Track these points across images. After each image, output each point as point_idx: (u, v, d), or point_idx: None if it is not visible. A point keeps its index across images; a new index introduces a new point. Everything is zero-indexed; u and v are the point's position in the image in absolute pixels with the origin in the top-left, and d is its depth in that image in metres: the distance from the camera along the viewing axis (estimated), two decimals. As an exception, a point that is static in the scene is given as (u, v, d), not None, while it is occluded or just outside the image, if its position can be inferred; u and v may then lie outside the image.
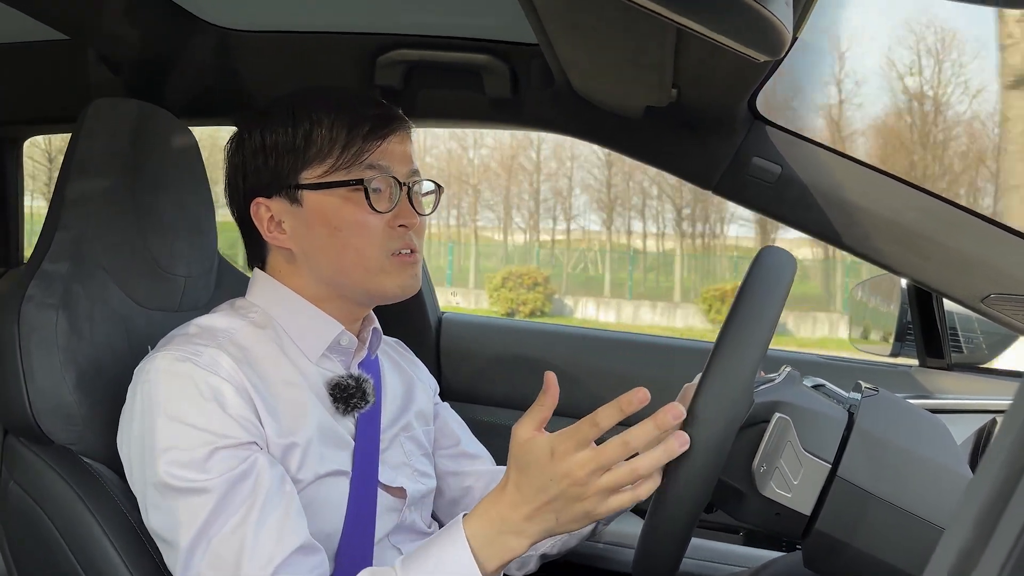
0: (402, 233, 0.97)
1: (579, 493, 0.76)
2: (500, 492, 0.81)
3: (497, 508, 0.81)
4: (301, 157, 0.96)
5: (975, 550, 0.31)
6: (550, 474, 0.77)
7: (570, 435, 0.77)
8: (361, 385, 0.98)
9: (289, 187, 0.96)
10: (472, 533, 0.81)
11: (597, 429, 0.77)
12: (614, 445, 0.76)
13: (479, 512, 0.82)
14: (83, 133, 1.06)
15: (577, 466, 0.76)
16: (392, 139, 0.98)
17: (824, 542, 0.83)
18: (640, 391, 0.76)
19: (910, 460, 0.84)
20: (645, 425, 0.76)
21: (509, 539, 0.80)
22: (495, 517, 0.80)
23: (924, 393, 1.46)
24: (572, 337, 1.75)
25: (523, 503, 0.79)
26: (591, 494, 0.76)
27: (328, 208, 0.95)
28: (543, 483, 0.77)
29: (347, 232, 0.95)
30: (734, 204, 1.33)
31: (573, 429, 0.77)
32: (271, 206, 0.97)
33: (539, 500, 0.78)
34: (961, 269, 1.19)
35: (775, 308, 0.82)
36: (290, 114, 0.97)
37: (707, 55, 0.97)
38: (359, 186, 0.94)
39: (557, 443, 0.77)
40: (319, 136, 0.95)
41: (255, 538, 0.82)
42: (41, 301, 0.97)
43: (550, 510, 0.78)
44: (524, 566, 1.16)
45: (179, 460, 0.84)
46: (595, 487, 0.76)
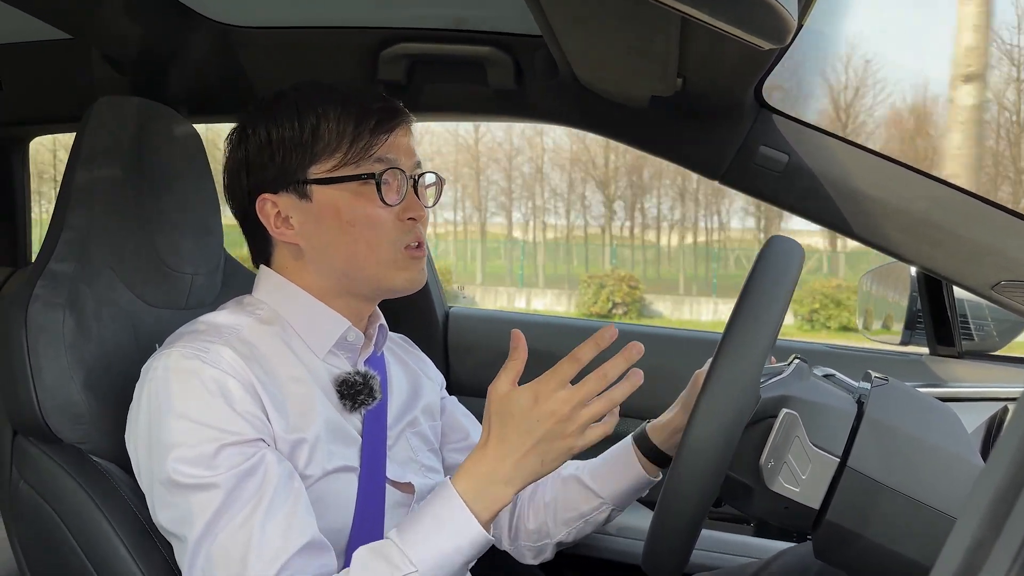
0: (411, 226, 0.98)
1: (563, 430, 0.82)
2: (483, 449, 0.85)
3: (484, 463, 0.84)
4: (309, 152, 0.95)
5: (986, 542, 0.30)
6: (536, 416, 0.82)
7: (551, 376, 0.83)
8: (368, 382, 0.98)
9: (297, 182, 0.96)
10: (463, 490, 0.84)
11: (577, 365, 0.83)
12: (593, 378, 0.82)
13: (465, 470, 0.85)
14: (88, 132, 1.06)
15: (561, 402, 0.82)
16: (398, 132, 0.98)
17: (835, 532, 0.82)
18: (610, 328, 0.84)
19: (921, 449, 0.83)
20: (615, 359, 0.83)
21: (499, 488, 0.84)
22: (483, 472, 0.84)
23: (935, 381, 1.45)
24: (580, 329, 1.74)
25: (510, 452, 0.83)
26: (573, 429, 0.82)
27: (339, 203, 0.95)
28: (528, 426, 0.82)
29: (359, 227, 0.95)
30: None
31: (553, 370, 0.83)
32: (278, 202, 0.97)
33: (525, 445, 0.83)
34: (971, 256, 1.19)
35: (781, 300, 0.82)
36: (295, 109, 0.96)
37: (712, 44, 0.96)
38: (370, 180, 0.95)
39: (539, 387, 0.82)
40: (326, 130, 0.95)
41: (261, 534, 0.82)
42: (48, 301, 0.97)
43: (535, 453, 0.83)
44: (540, 554, 1.17)
45: (186, 457, 0.84)
46: (578, 421, 0.82)
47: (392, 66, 1.32)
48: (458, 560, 0.83)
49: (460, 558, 0.83)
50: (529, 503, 1.17)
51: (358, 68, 1.33)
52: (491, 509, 0.84)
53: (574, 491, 1.13)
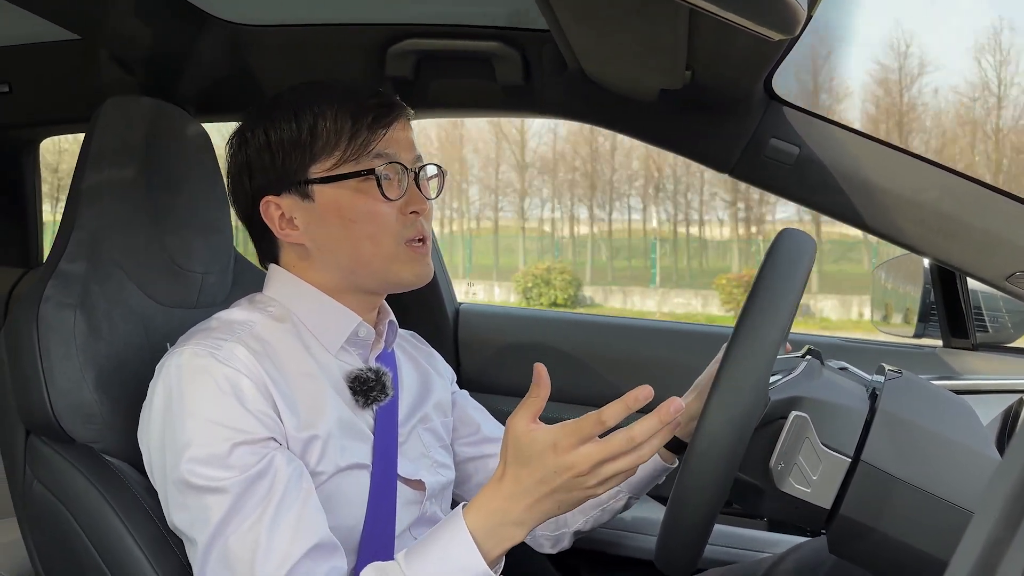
0: (414, 220, 0.98)
1: (581, 483, 0.79)
2: (497, 484, 0.83)
3: (497, 500, 0.82)
4: (308, 152, 0.96)
5: (1003, 540, 0.30)
6: (553, 467, 0.79)
7: (574, 431, 0.78)
8: (380, 378, 0.99)
9: (299, 183, 0.96)
10: (473, 526, 0.82)
11: (602, 427, 0.78)
12: (619, 440, 0.78)
13: (478, 505, 0.83)
14: (97, 132, 1.06)
15: (582, 459, 0.78)
16: (396, 126, 0.98)
17: (849, 527, 0.82)
18: (645, 388, 0.78)
19: (935, 442, 0.83)
20: (649, 419, 0.78)
21: (509, 529, 0.82)
22: (495, 509, 0.82)
23: (949, 374, 1.44)
24: (590, 325, 1.74)
25: (523, 495, 0.81)
26: (593, 483, 0.79)
27: (341, 201, 0.95)
28: (545, 475, 0.79)
29: (362, 223, 0.95)
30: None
31: (577, 425, 0.79)
32: (281, 203, 0.97)
33: (540, 491, 0.80)
34: (985, 247, 1.17)
35: (792, 296, 0.81)
36: (292, 110, 0.97)
37: (721, 35, 0.96)
38: (370, 176, 0.95)
39: (560, 437, 0.79)
40: (324, 129, 0.95)
41: (269, 538, 0.83)
42: (59, 301, 0.97)
43: (552, 500, 0.80)
44: (558, 543, 1.17)
45: (198, 457, 0.84)
46: (599, 477, 0.79)
47: (400, 62, 1.32)
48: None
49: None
50: None
51: (366, 65, 1.33)
52: (500, 547, 0.82)
53: None
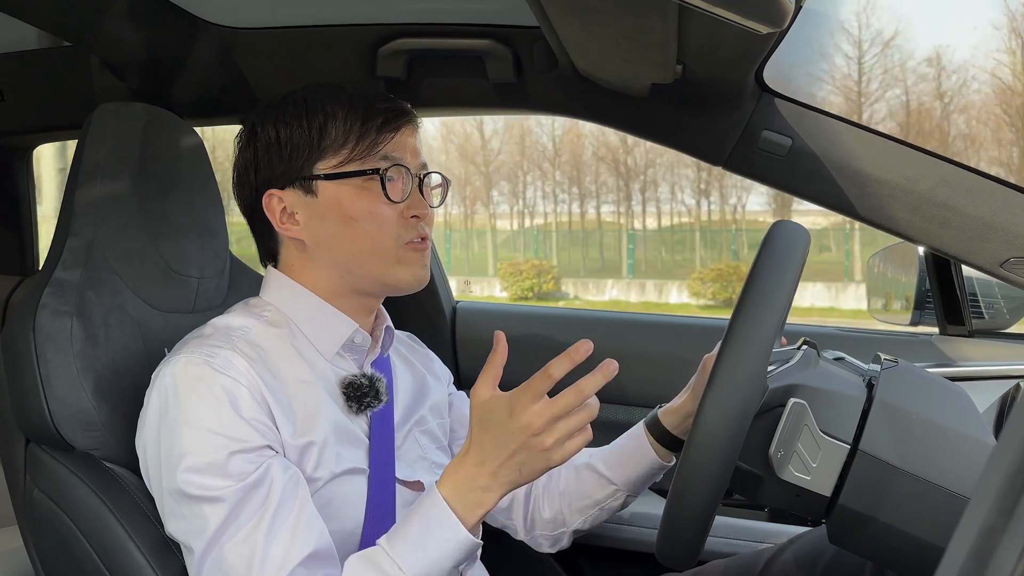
0: (415, 223, 0.98)
1: (539, 443, 0.80)
2: (465, 452, 0.85)
3: (464, 468, 0.84)
4: (316, 149, 0.97)
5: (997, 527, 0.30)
6: (510, 428, 0.81)
7: (525, 389, 0.81)
8: (374, 384, 0.99)
9: (304, 178, 0.97)
10: (446, 494, 0.84)
11: (550, 380, 0.81)
12: (569, 392, 0.80)
13: (448, 474, 0.85)
14: (89, 138, 1.06)
15: (535, 416, 0.80)
16: (404, 131, 1.00)
17: (848, 516, 0.82)
18: (585, 342, 0.81)
19: (932, 430, 0.83)
20: (594, 375, 0.81)
21: (479, 494, 0.84)
22: (464, 476, 0.84)
23: (946, 361, 1.44)
24: (587, 320, 1.74)
25: (488, 460, 0.83)
26: (550, 442, 0.80)
27: (343, 198, 0.96)
28: (503, 438, 0.81)
29: (362, 222, 0.96)
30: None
31: (527, 384, 0.81)
32: (284, 197, 0.98)
33: (501, 455, 0.82)
34: (979, 234, 1.18)
35: (787, 287, 0.81)
36: (303, 108, 0.98)
37: (711, 29, 0.96)
38: (375, 175, 0.96)
39: (514, 399, 0.81)
40: (333, 128, 0.97)
41: (265, 547, 0.83)
42: (55, 309, 0.97)
43: (513, 463, 0.82)
44: (557, 542, 1.17)
45: (194, 466, 0.84)
46: (553, 435, 0.80)
47: (391, 62, 1.32)
48: (446, 564, 0.83)
49: (448, 563, 0.83)
50: (544, 492, 1.17)
51: (357, 65, 1.33)
52: (475, 513, 0.84)
53: (588, 479, 1.13)
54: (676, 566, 0.86)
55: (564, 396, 0.80)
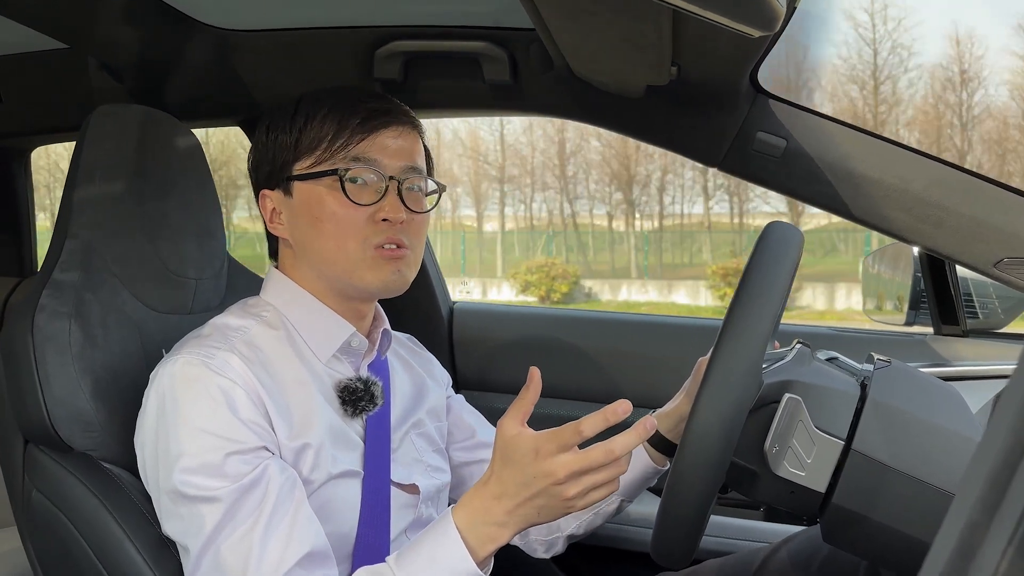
0: (385, 228, 0.96)
1: (559, 492, 0.79)
2: (484, 483, 0.84)
3: (481, 499, 0.83)
4: (293, 150, 0.99)
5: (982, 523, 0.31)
6: (533, 472, 0.79)
7: (553, 438, 0.79)
8: (369, 388, 0.99)
9: (284, 179, 1.00)
10: (460, 523, 0.83)
11: (580, 437, 0.79)
12: (598, 452, 0.79)
13: (465, 502, 0.84)
14: (87, 140, 1.06)
15: (560, 467, 0.79)
16: (385, 132, 0.98)
17: (842, 516, 0.83)
18: (623, 403, 0.79)
19: (925, 430, 0.83)
20: (628, 435, 0.79)
21: (493, 529, 0.82)
22: (479, 507, 0.83)
23: (940, 361, 1.45)
24: (584, 320, 1.75)
25: (505, 497, 0.81)
26: (572, 494, 0.79)
27: (312, 199, 0.97)
28: (526, 479, 0.80)
29: (327, 223, 0.96)
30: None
31: (556, 433, 0.80)
32: (272, 197, 1.02)
33: (521, 496, 0.81)
34: (973, 235, 1.18)
35: (781, 286, 0.82)
36: (292, 110, 1.00)
37: (705, 31, 0.96)
38: (336, 176, 0.96)
39: (541, 443, 0.79)
40: (311, 129, 0.98)
41: (262, 547, 0.83)
42: (54, 310, 0.98)
43: (532, 505, 0.81)
44: (552, 547, 1.17)
45: (191, 467, 0.85)
46: (577, 487, 0.79)
47: (388, 64, 1.32)
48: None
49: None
50: None
51: (354, 67, 1.33)
52: (486, 547, 0.83)
53: None
54: (671, 565, 0.86)
55: (593, 452, 0.79)
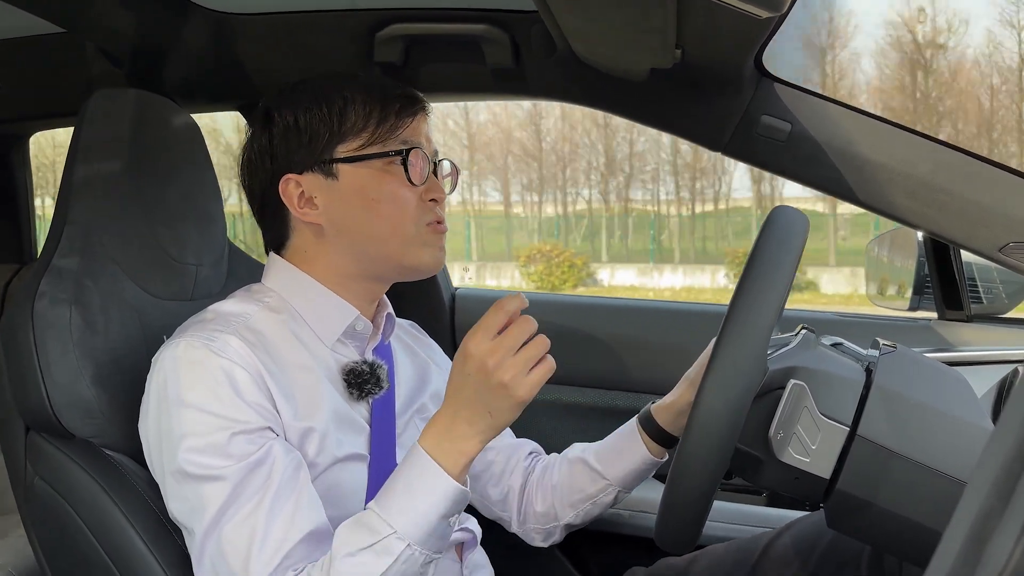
0: (432, 207, 1.00)
1: (495, 381, 0.80)
2: (443, 406, 0.86)
3: (440, 420, 0.85)
4: (336, 133, 0.97)
5: (995, 511, 0.30)
6: (467, 371, 0.82)
7: (475, 329, 0.82)
8: (375, 371, 0.99)
9: (324, 162, 0.97)
10: (427, 446, 0.85)
11: (503, 313, 0.82)
12: (518, 323, 0.82)
13: (427, 429, 0.86)
14: (86, 126, 1.05)
15: (487, 354, 0.81)
16: (419, 117, 1.01)
17: (846, 501, 0.82)
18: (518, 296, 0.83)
19: (930, 415, 0.83)
20: (511, 298, 0.83)
21: (459, 443, 0.84)
22: (440, 428, 0.85)
23: (945, 346, 1.45)
24: (587, 306, 1.74)
25: (459, 408, 0.84)
26: (508, 378, 0.80)
27: (365, 180, 0.97)
28: (463, 381, 0.83)
29: (384, 204, 0.97)
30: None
31: (478, 323, 0.82)
32: (302, 182, 0.98)
33: (468, 400, 0.83)
34: (977, 219, 1.18)
35: (786, 272, 0.81)
36: (321, 94, 0.98)
37: (710, 13, 0.95)
38: (396, 157, 0.97)
39: (467, 343, 0.82)
40: (353, 112, 0.98)
41: (266, 527, 0.83)
42: (54, 297, 0.97)
43: (481, 407, 0.82)
44: (549, 536, 1.17)
45: (196, 447, 0.85)
46: (508, 371, 0.80)
47: (388, 47, 1.31)
48: (434, 515, 0.83)
49: (437, 513, 0.83)
50: (537, 486, 1.17)
51: (354, 51, 1.32)
52: (459, 462, 0.84)
53: (581, 473, 1.14)
54: (675, 550, 0.86)
55: (513, 329, 0.81)
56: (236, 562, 0.83)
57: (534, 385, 0.81)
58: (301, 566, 0.84)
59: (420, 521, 0.82)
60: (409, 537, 0.82)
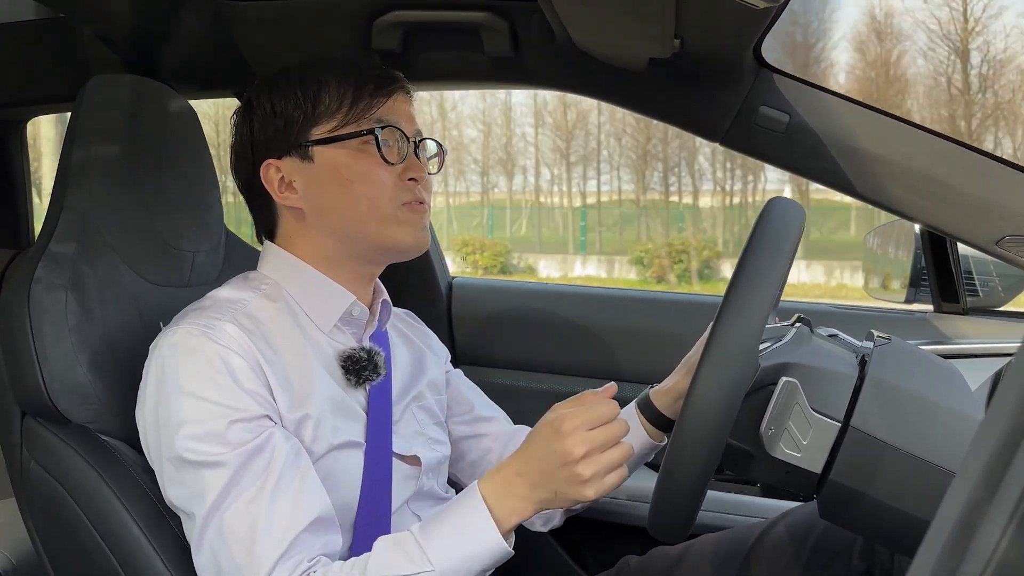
0: (412, 186, 0.99)
1: (575, 471, 0.81)
2: (512, 458, 0.86)
3: (507, 473, 0.85)
4: (310, 116, 0.98)
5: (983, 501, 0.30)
6: (553, 448, 0.82)
7: (576, 414, 0.82)
8: (372, 357, 0.99)
9: (300, 145, 0.98)
10: (486, 491, 0.85)
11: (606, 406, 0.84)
12: (614, 425, 0.83)
13: (490, 475, 0.86)
14: (83, 111, 1.05)
15: (579, 442, 0.81)
16: (397, 97, 1.00)
17: (839, 492, 0.83)
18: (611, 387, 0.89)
19: (924, 407, 0.83)
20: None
21: (516, 502, 0.84)
22: (505, 480, 0.85)
23: (940, 338, 1.45)
24: (583, 296, 1.74)
25: (528, 473, 0.84)
26: (588, 475, 0.81)
27: (340, 161, 0.97)
28: (544, 454, 0.83)
29: (359, 184, 0.97)
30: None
31: (580, 410, 0.83)
32: (281, 166, 0.99)
33: (541, 472, 0.83)
34: (975, 212, 1.18)
35: (781, 264, 0.81)
36: (297, 80, 0.99)
37: (709, 3, 0.95)
38: (369, 136, 0.96)
39: (564, 421, 0.82)
40: (327, 95, 0.98)
41: (270, 512, 0.83)
42: (50, 283, 0.97)
43: (550, 485, 0.83)
44: (549, 521, 1.18)
45: (194, 434, 0.85)
46: (591, 467, 0.81)
47: (386, 35, 1.31)
48: (474, 566, 0.83)
49: (476, 565, 0.83)
50: None
51: (352, 38, 1.32)
52: (510, 520, 0.84)
53: None
54: (668, 539, 0.87)
55: (608, 426, 0.83)
56: (238, 549, 0.83)
57: (606, 489, 0.83)
58: (315, 557, 0.84)
59: (460, 568, 0.82)
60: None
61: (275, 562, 0.82)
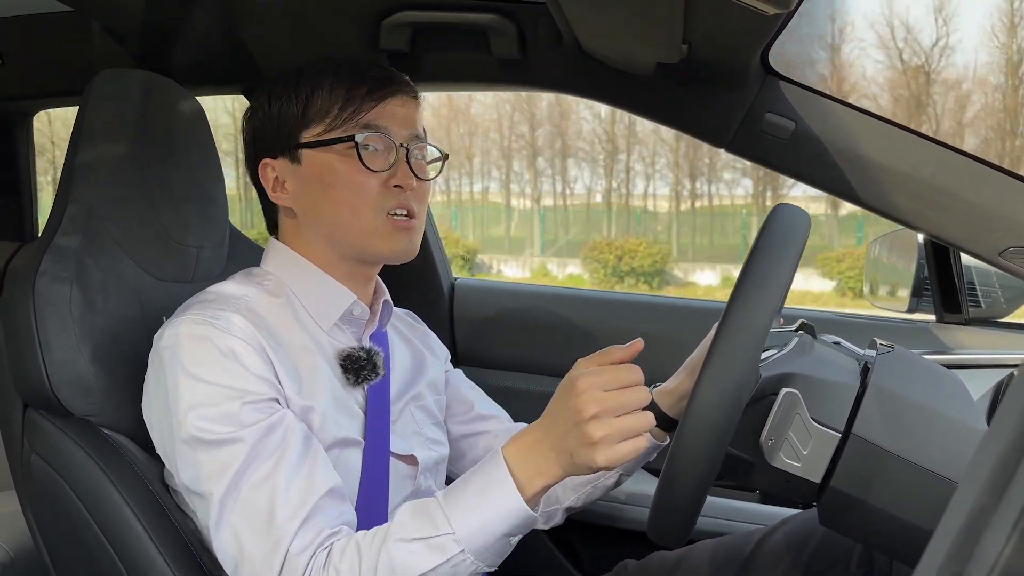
0: (397, 194, 0.98)
1: (585, 432, 0.78)
2: (537, 423, 0.84)
3: (530, 435, 0.83)
4: (302, 118, 0.98)
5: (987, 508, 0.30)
6: (567, 404, 0.80)
7: (596, 373, 0.80)
8: (372, 357, 0.99)
9: (291, 147, 0.99)
10: (508, 456, 0.82)
11: (624, 352, 0.82)
12: (632, 391, 0.79)
13: (515, 438, 0.84)
14: (90, 105, 1.05)
15: (590, 401, 0.78)
16: (392, 101, 1.00)
17: (839, 499, 0.83)
18: (637, 342, 0.85)
19: (925, 416, 0.83)
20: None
21: (540, 462, 0.81)
22: (528, 442, 0.83)
23: (942, 349, 1.45)
24: (585, 299, 1.74)
25: (548, 434, 0.82)
26: (598, 436, 0.77)
27: (324, 166, 0.97)
28: (563, 414, 0.80)
29: (341, 190, 0.97)
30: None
31: (601, 368, 0.80)
32: (276, 166, 1.01)
33: (557, 429, 0.81)
34: (979, 223, 1.18)
35: (785, 271, 0.81)
36: (295, 80, 1.00)
37: (717, 9, 0.95)
38: (351, 142, 0.96)
39: (583, 379, 0.79)
40: (319, 97, 0.98)
41: (287, 486, 0.83)
42: (55, 275, 0.97)
43: (565, 446, 0.80)
44: (551, 519, 1.18)
45: (208, 416, 0.85)
46: (602, 429, 0.77)
47: (395, 34, 1.31)
48: (497, 530, 0.80)
49: (499, 529, 0.80)
50: None
51: (360, 36, 1.32)
52: (535, 482, 0.81)
53: None
54: (667, 544, 0.87)
55: (625, 389, 0.79)
56: (259, 520, 0.83)
57: (618, 458, 0.78)
58: (336, 526, 0.84)
59: (482, 531, 0.80)
60: (466, 543, 0.80)
61: (296, 530, 0.82)
